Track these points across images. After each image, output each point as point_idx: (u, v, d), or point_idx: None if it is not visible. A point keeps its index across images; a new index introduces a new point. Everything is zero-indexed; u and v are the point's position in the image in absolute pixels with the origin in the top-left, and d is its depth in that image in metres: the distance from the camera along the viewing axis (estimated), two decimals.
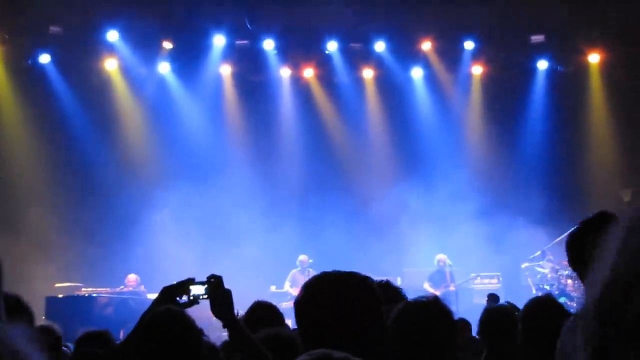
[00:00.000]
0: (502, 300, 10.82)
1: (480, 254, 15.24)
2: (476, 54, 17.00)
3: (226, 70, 17.22)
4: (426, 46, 16.91)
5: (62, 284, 14.47)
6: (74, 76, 16.29)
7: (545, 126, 16.90)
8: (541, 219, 14.81)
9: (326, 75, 17.52)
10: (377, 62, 17.25)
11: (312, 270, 14.97)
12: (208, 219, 15.83)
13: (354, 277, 2.60)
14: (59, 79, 16.25)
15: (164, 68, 16.86)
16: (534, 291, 13.22)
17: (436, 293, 13.23)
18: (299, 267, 15.15)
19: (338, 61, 17.18)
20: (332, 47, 16.93)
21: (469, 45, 16.80)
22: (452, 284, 14.81)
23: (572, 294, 12.49)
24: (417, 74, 17.39)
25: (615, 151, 16.49)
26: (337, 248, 15.23)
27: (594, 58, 16.62)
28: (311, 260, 15.12)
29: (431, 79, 17.41)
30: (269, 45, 16.79)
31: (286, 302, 14.02)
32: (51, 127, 16.16)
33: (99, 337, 4.76)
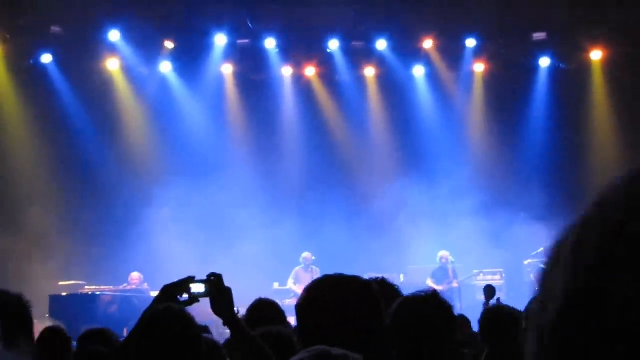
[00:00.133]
0: (499, 293, 10.82)
1: (482, 250, 15.24)
2: (478, 52, 16.99)
3: (228, 70, 17.24)
4: (428, 44, 16.91)
5: (66, 282, 14.50)
6: (75, 76, 16.30)
7: (547, 123, 16.89)
8: (543, 216, 14.80)
9: (328, 74, 17.53)
10: (379, 60, 17.25)
11: (315, 267, 15.00)
12: (210, 216, 15.85)
13: (356, 281, 2.64)
14: (60, 79, 16.26)
15: (166, 67, 16.87)
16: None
17: (439, 290, 13.29)
18: (302, 265, 15.16)
19: (340, 60, 17.18)
20: (334, 45, 16.93)
21: (470, 43, 16.79)
22: (455, 280, 14.81)
23: None
24: (418, 72, 17.39)
25: (617, 148, 16.47)
26: (339, 245, 15.26)
27: (596, 55, 16.60)
28: (314, 257, 15.13)
29: (433, 77, 17.41)
30: (270, 44, 16.80)
31: (289, 299, 14.04)
32: (53, 127, 16.17)
33: (100, 335, 4.78)
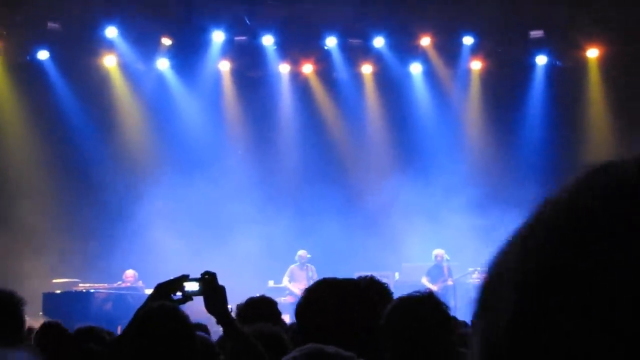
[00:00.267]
0: None
1: (477, 248, 15.22)
2: (475, 49, 16.98)
3: (225, 67, 17.22)
4: (425, 42, 16.90)
5: (59, 280, 14.47)
6: (72, 73, 16.27)
7: (543, 121, 16.91)
8: None
9: (325, 71, 17.53)
10: (376, 57, 17.24)
11: (310, 265, 14.99)
12: (206, 213, 15.86)
13: (353, 284, 2.67)
14: (57, 76, 16.23)
15: (163, 64, 16.85)
16: None
17: (434, 288, 13.29)
18: (297, 263, 15.13)
19: (337, 57, 17.17)
20: (331, 42, 16.92)
21: (468, 41, 16.78)
22: (450, 278, 14.80)
23: None
24: (416, 69, 17.39)
25: (613, 146, 16.48)
26: (335, 243, 15.25)
27: (593, 53, 16.61)
28: (310, 255, 15.11)
29: (430, 74, 17.40)
30: (268, 41, 16.79)
31: (284, 297, 14.05)
32: (49, 124, 16.15)
33: (90, 333, 4.77)
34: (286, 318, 7.60)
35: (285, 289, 14.73)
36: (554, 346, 0.54)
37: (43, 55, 16.16)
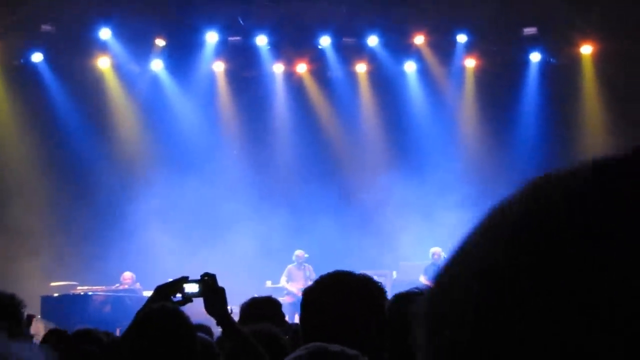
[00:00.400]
0: None
1: None
2: (469, 47, 17.00)
3: (219, 67, 17.21)
4: (419, 40, 16.91)
5: (58, 283, 14.45)
6: (66, 74, 16.25)
7: (537, 118, 16.93)
8: None
9: (319, 70, 17.52)
10: (370, 56, 17.25)
11: (308, 265, 14.98)
12: (202, 214, 15.87)
13: (352, 280, 2.67)
14: (51, 78, 16.22)
15: (157, 65, 16.83)
16: None
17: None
18: (295, 262, 15.12)
19: (331, 56, 17.17)
20: (325, 42, 16.92)
21: (461, 39, 16.80)
22: None
23: None
24: (410, 67, 17.40)
25: (607, 142, 16.50)
26: (331, 242, 15.25)
27: (587, 50, 16.63)
28: (307, 255, 15.11)
29: (424, 72, 17.41)
30: (261, 41, 16.78)
31: (282, 297, 14.03)
32: (44, 126, 16.13)
33: (89, 335, 4.76)
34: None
35: (283, 289, 14.71)
36: (529, 333, 0.54)
37: (37, 57, 16.14)
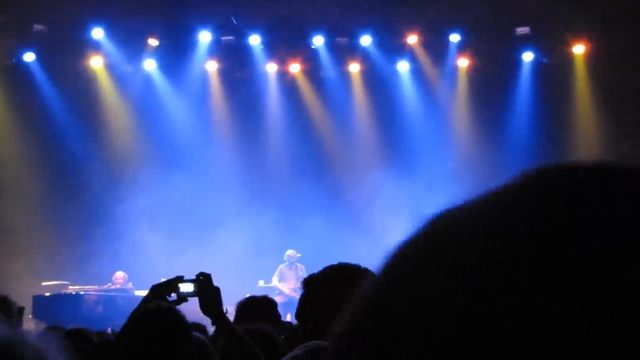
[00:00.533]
0: None
1: None
2: (462, 47, 17.02)
3: (212, 67, 17.19)
4: (412, 40, 16.92)
5: (49, 283, 14.41)
6: (58, 74, 16.20)
7: (530, 117, 16.96)
8: None
9: (312, 70, 17.51)
10: (363, 56, 17.25)
11: (300, 264, 14.98)
12: (195, 214, 15.86)
13: (345, 275, 2.66)
14: (43, 78, 16.16)
15: (150, 65, 16.79)
16: None
17: None
18: (286, 262, 15.13)
19: (324, 56, 17.17)
20: (318, 41, 16.91)
21: (454, 38, 16.81)
22: None
23: None
24: (403, 67, 17.41)
25: (600, 142, 16.56)
26: (324, 241, 15.23)
27: (579, 49, 16.68)
28: (300, 254, 15.11)
29: (417, 72, 17.42)
30: (254, 41, 16.76)
31: (275, 297, 14.01)
32: (37, 126, 16.08)
33: (80, 334, 4.75)
34: None
35: (275, 288, 14.71)
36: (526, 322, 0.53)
37: (29, 57, 16.08)
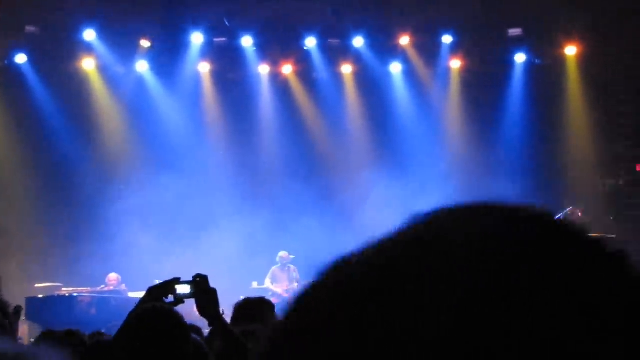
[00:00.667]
0: None
1: None
2: (454, 48, 17.04)
3: (205, 68, 17.17)
4: (404, 41, 16.93)
5: (42, 284, 14.37)
6: (51, 76, 16.15)
7: (522, 118, 16.99)
8: None
9: (305, 72, 17.51)
10: (356, 57, 17.25)
11: (293, 266, 14.99)
12: (187, 215, 15.85)
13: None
14: (35, 79, 16.12)
15: (142, 66, 16.76)
16: None
17: None
18: (279, 264, 15.12)
19: (317, 57, 17.17)
20: (311, 43, 16.91)
21: (447, 40, 16.83)
22: None
23: None
24: (395, 68, 17.42)
25: (592, 142, 16.62)
26: (316, 242, 15.19)
27: (571, 51, 16.72)
28: (293, 256, 15.11)
29: (410, 73, 17.44)
30: (247, 42, 16.76)
31: (268, 298, 14.01)
32: (29, 128, 16.05)
33: (72, 336, 4.73)
34: None
35: (267, 290, 14.71)
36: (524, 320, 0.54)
37: (21, 58, 16.03)
